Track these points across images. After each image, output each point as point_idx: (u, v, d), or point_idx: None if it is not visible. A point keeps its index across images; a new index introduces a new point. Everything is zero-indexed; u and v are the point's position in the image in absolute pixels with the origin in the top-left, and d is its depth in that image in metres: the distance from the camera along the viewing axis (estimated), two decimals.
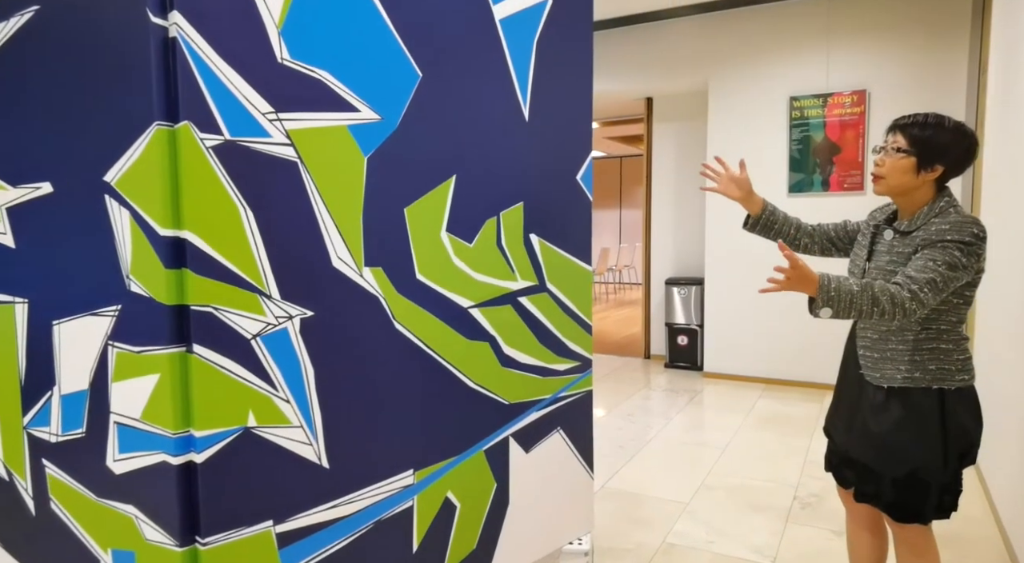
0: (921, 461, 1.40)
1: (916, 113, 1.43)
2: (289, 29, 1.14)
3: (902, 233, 1.44)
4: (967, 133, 1.40)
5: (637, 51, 5.02)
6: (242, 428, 1.11)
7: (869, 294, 1.31)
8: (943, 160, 1.39)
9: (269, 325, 1.14)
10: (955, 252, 1.33)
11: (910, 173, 1.41)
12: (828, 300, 1.32)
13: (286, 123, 1.14)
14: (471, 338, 1.50)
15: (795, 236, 1.71)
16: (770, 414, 3.87)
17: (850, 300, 1.32)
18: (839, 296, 1.32)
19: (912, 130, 1.41)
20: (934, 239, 1.35)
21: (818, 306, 1.33)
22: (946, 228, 1.35)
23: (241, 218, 1.09)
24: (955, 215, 1.38)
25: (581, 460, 1.83)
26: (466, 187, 1.46)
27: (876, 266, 1.47)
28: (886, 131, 1.48)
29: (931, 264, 1.33)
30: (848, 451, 1.53)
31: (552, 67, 1.66)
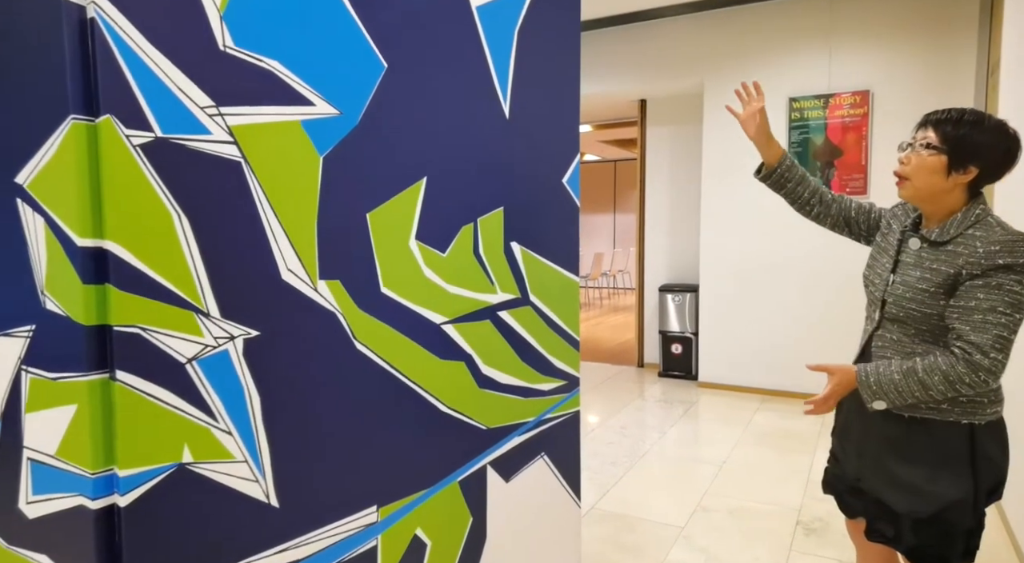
0: (948, 502, 1.25)
1: (952, 108, 1.27)
2: (233, 13, 1.01)
3: (932, 243, 1.28)
4: (1009, 133, 1.23)
5: (630, 51, 4.90)
6: (175, 465, 0.98)
7: (916, 379, 1.20)
8: (978, 161, 1.23)
9: (207, 347, 1.01)
10: (1015, 286, 1.16)
11: (939, 174, 1.24)
12: (874, 393, 1.23)
13: (228, 118, 1.01)
14: (444, 357, 1.36)
15: (807, 199, 1.54)
16: (769, 428, 3.74)
17: (896, 390, 1.21)
18: (883, 388, 1.23)
19: (946, 127, 1.24)
20: (984, 265, 1.18)
21: (869, 401, 1.24)
22: (996, 250, 1.18)
23: (174, 225, 0.96)
24: (999, 229, 1.21)
25: (567, 487, 1.70)
26: (439, 190, 1.33)
27: (903, 281, 1.31)
28: (916, 127, 1.31)
29: (991, 317, 1.16)
30: (859, 481, 1.40)
31: (535, 60, 1.53)
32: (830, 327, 4.25)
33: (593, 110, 6.15)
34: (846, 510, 1.47)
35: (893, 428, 1.32)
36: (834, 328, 4.22)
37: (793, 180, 1.56)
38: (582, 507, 2.63)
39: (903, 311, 1.29)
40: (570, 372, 1.68)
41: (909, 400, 1.24)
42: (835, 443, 1.51)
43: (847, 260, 4.15)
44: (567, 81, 1.63)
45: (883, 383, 1.24)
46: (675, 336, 5.14)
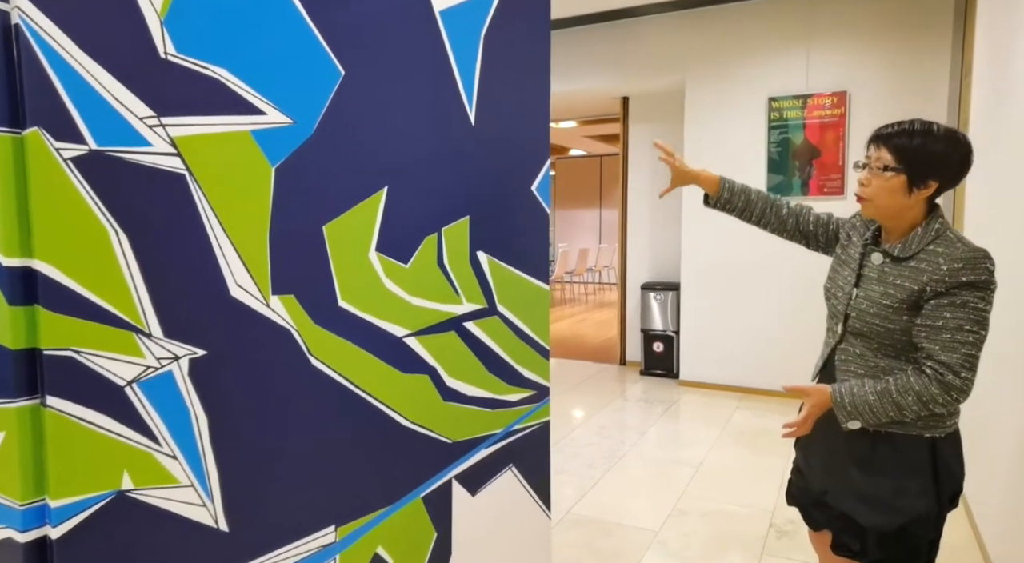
0: (914, 516, 1.25)
1: (900, 121, 1.26)
2: (175, 19, 0.96)
3: (895, 258, 1.28)
4: (960, 140, 1.23)
5: (613, 49, 4.87)
6: (114, 492, 0.93)
7: (890, 400, 1.21)
8: (937, 175, 1.23)
9: (149, 369, 0.96)
10: (978, 304, 1.18)
11: (901, 193, 1.24)
12: (848, 414, 1.24)
13: (171, 129, 0.96)
14: (407, 371, 1.33)
15: (759, 217, 1.55)
16: (746, 428, 3.74)
17: (871, 410, 1.23)
18: (857, 409, 1.23)
19: (897, 140, 1.24)
20: (948, 282, 1.18)
21: (844, 421, 1.25)
22: (959, 267, 1.18)
23: (111, 242, 0.91)
24: (960, 244, 1.21)
25: (536, 498, 1.67)
26: (400, 200, 1.29)
27: (867, 296, 1.31)
28: (867, 142, 1.31)
29: (959, 336, 1.17)
30: (824, 495, 1.38)
31: (503, 64, 1.49)
32: (809, 326, 4.25)
33: (577, 106, 6.11)
34: (811, 522, 1.46)
35: (859, 443, 1.31)
36: (813, 327, 4.22)
37: (739, 205, 1.57)
38: (558, 512, 2.61)
39: (867, 326, 1.29)
40: (539, 382, 1.65)
41: (883, 420, 1.24)
42: (799, 456, 1.50)
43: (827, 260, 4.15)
44: (536, 86, 1.59)
45: (858, 404, 1.24)
46: (657, 334, 5.13)
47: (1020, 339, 1.64)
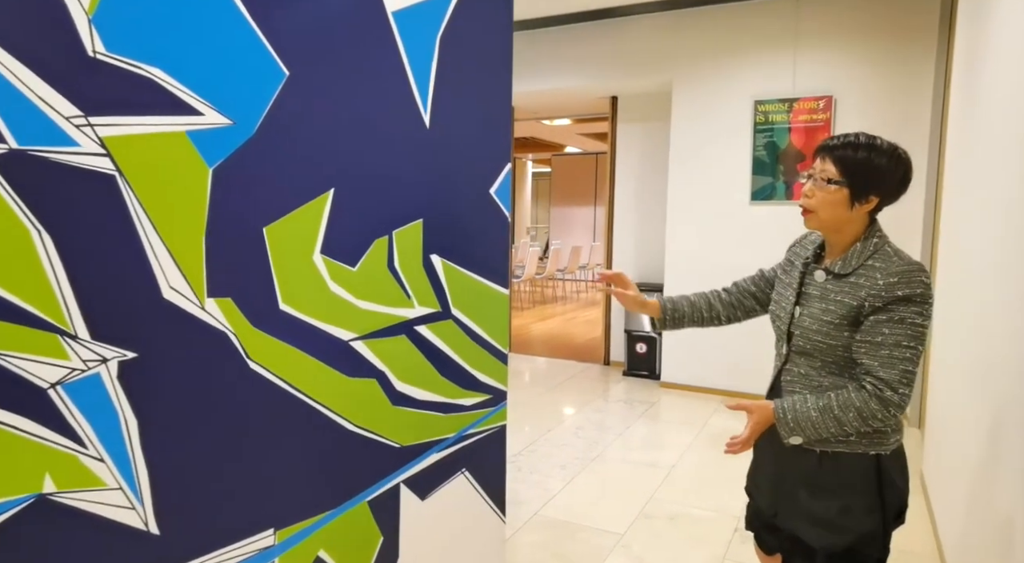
0: (862, 534, 1.25)
1: (846, 133, 1.26)
2: (104, 16, 0.94)
3: (836, 275, 1.28)
4: (902, 158, 1.24)
5: (601, 48, 4.85)
6: (34, 496, 0.92)
7: (831, 416, 1.22)
8: (878, 190, 1.23)
9: (75, 371, 0.95)
10: (916, 319, 1.19)
11: (843, 206, 1.24)
12: (791, 430, 1.25)
13: (99, 129, 0.95)
14: (353, 375, 1.32)
15: (710, 316, 1.55)
16: (722, 430, 3.74)
17: (813, 426, 1.23)
18: (799, 425, 1.24)
19: (842, 152, 1.24)
20: (885, 297, 1.19)
21: (786, 437, 1.26)
22: (894, 281, 1.19)
23: (33, 243, 0.90)
24: (897, 258, 1.23)
25: (491, 503, 1.67)
26: (347, 203, 1.28)
27: (808, 313, 1.30)
28: (813, 154, 1.30)
29: (897, 352, 1.18)
30: (774, 518, 1.38)
31: (460, 67, 1.47)
32: None
33: (568, 105, 6.09)
34: (763, 546, 1.46)
35: (805, 462, 1.31)
36: None
37: (686, 313, 1.54)
38: (525, 513, 2.61)
39: (809, 343, 1.29)
40: (495, 386, 1.65)
41: (824, 435, 1.24)
42: (749, 480, 1.50)
43: None
44: (497, 88, 1.58)
45: (800, 420, 1.24)
46: (640, 335, 5.13)
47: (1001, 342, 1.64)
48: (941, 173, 3.44)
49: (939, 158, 3.76)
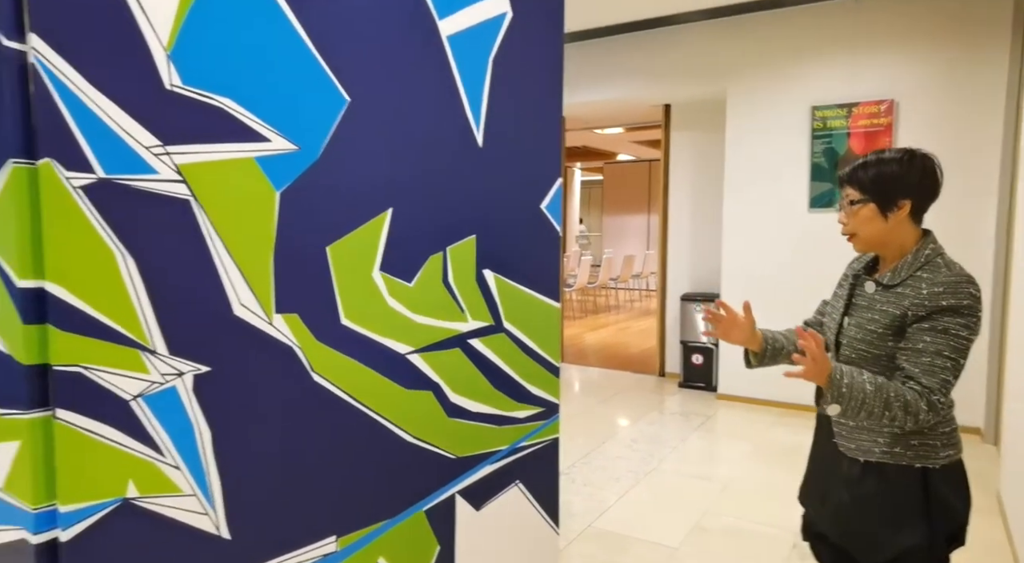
0: (903, 549, 1.22)
1: (856, 159, 1.34)
2: (181, 52, 1.01)
3: (885, 286, 1.30)
4: (915, 154, 1.28)
5: (653, 57, 4.83)
6: (120, 500, 0.99)
7: (883, 397, 1.20)
8: (903, 193, 1.27)
9: (154, 384, 1.02)
10: (960, 330, 1.19)
11: (877, 220, 1.29)
12: (839, 396, 1.21)
13: (176, 157, 1.02)
14: (410, 387, 1.36)
15: (795, 350, 1.53)
16: (782, 445, 3.65)
17: (862, 399, 1.20)
18: (851, 393, 1.21)
19: (855, 175, 1.32)
20: (928, 306, 1.20)
21: (826, 401, 1.22)
22: (939, 291, 1.20)
23: (118, 265, 0.97)
24: (945, 269, 1.23)
25: (544, 515, 1.68)
26: (405, 221, 1.32)
27: (855, 323, 1.33)
28: (837, 186, 1.39)
29: (939, 361, 1.19)
30: (822, 528, 1.38)
31: (512, 86, 1.51)
32: None
33: (621, 114, 6.08)
34: (818, 558, 1.44)
35: (849, 472, 1.31)
36: None
37: (782, 344, 1.53)
38: (578, 525, 2.60)
39: (855, 352, 1.31)
40: (548, 399, 1.66)
41: (862, 414, 1.21)
42: (801, 491, 1.49)
43: None
44: (547, 106, 1.60)
45: (854, 388, 1.21)
46: (696, 346, 5.05)
47: None
48: (1015, 182, 3.28)
49: (1013, 166, 3.58)
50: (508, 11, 1.49)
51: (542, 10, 1.57)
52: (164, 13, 0.99)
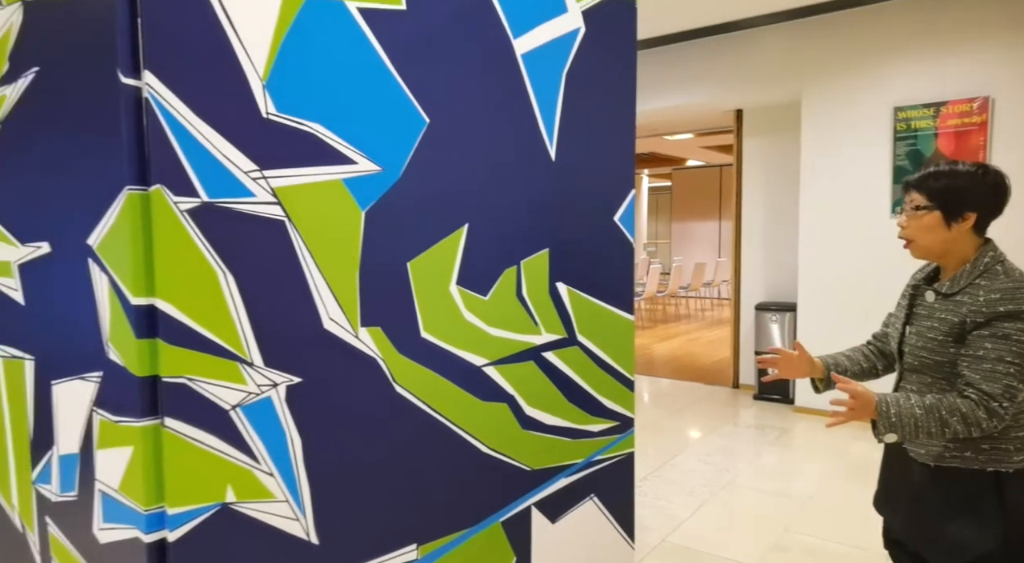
0: (978, 554, 1.23)
1: (927, 167, 1.35)
2: (275, 81, 1.07)
3: (944, 295, 1.32)
4: (988, 170, 1.29)
5: (725, 62, 4.74)
6: (219, 504, 1.05)
7: (936, 417, 1.23)
8: (969, 206, 1.28)
9: (251, 394, 1.08)
10: (1021, 336, 1.20)
11: (939, 228, 1.31)
12: (890, 426, 1.26)
13: (272, 180, 1.08)
14: (486, 399, 1.38)
15: (870, 366, 1.58)
16: (865, 461, 3.48)
17: (914, 424, 1.24)
18: (901, 421, 1.25)
19: (924, 183, 1.33)
20: (986, 313, 1.21)
21: (881, 432, 1.26)
22: (996, 298, 1.21)
23: (219, 283, 1.04)
24: (1004, 276, 1.23)
25: (619, 529, 1.67)
26: (480, 236, 1.35)
27: (916, 331, 1.36)
28: (902, 190, 1.41)
29: (1000, 367, 1.19)
30: (898, 534, 1.41)
31: (585, 101, 1.52)
32: None
33: (690, 120, 5.99)
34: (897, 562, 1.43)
35: (921, 478, 1.33)
36: None
37: (848, 373, 1.57)
38: (652, 540, 2.56)
39: (917, 360, 1.35)
40: (622, 413, 1.65)
41: (922, 436, 1.25)
42: (875, 497, 1.53)
43: None
44: (620, 118, 1.61)
45: (903, 416, 1.25)
46: None
47: None
48: None
49: None
50: (581, 27, 1.51)
51: (615, 24, 1.58)
52: (260, 46, 1.05)
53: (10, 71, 1.18)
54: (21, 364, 1.27)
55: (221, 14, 1.01)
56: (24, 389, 1.26)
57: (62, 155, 1.11)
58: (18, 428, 1.29)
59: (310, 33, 1.10)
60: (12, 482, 1.31)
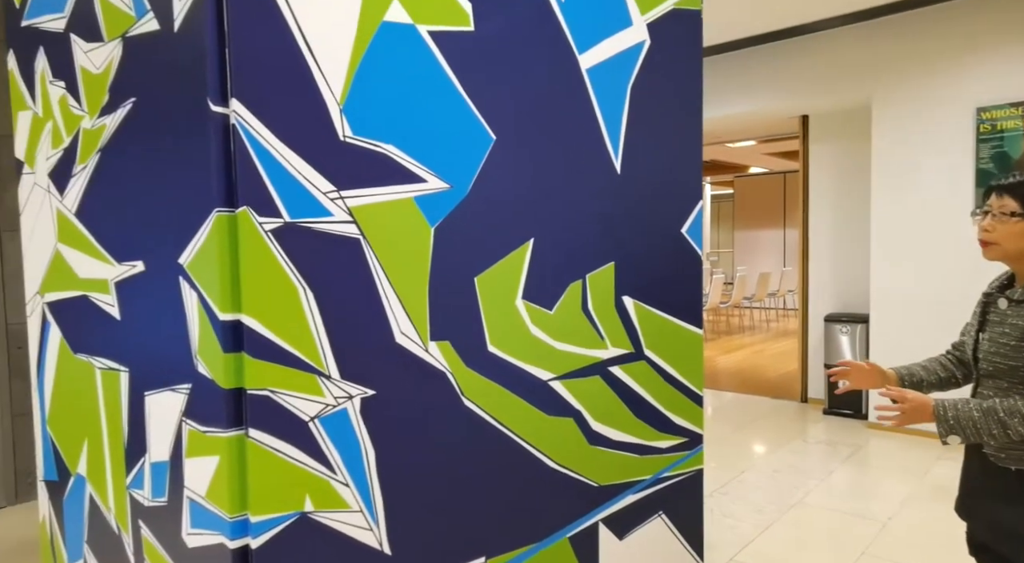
0: None
1: (1014, 172, 1.36)
2: (352, 106, 1.12)
3: (1017, 301, 1.34)
4: None
5: (790, 67, 4.62)
6: (299, 513, 1.09)
7: (995, 418, 1.26)
8: None
9: (328, 406, 1.12)
10: None
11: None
12: (950, 428, 1.29)
13: (348, 200, 1.12)
14: (552, 414, 1.38)
15: (947, 376, 1.57)
16: (948, 482, 3.30)
17: (973, 426, 1.27)
18: (960, 423, 1.28)
19: (1020, 189, 1.33)
20: None
21: (943, 435, 1.29)
22: None
23: (300, 299, 1.08)
24: None
25: (688, 548, 1.64)
26: (545, 250, 1.36)
27: (989, 337, 1.38)
28: (985, 192, 1.41)
29: None
30: (983, 538, 1.41)
31: (650, 113, 1.51)
32: None
33: (753, 127, 5.86)
34: None
35: (1001, 480, 1.34)
36: None
37: (920, 376, 1.58)
38: (719, 558, 2.50)
39: (991, 365, 1.38)
40: (691, 429, 1.63)
41: (984, 438, 1.28)
42: (957, 502, 1.51)
43: None
44: (687, 129, 1.59)
45: (961, 419, 1.28)
46: None
47: None
48: None
49: None
50: (646, 39, 1.51)
51: (680, 35, 1.57)
52: (338, 72, 1.10)
53: (109, 102, 1.26)
54: (117, 375, 1.35)
55: (302, 43, 1.06)
56: (119, 399, 1.35)
57: (155, 179, 1.18)
58: (114, 435, 1.37)
59: (384, 58, 1.14)
60: (109, 486, 1.39)
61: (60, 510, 1.60)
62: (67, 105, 1.40)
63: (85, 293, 1.41)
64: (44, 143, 1.51)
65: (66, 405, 1.53)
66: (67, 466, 1.54)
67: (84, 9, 1.31)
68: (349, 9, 1.11)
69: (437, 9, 1.20)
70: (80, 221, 1.40)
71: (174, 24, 1.07)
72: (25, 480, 3.38)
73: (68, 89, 1.39)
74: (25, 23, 1.53)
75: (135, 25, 1.17)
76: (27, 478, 3.39)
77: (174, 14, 1.07)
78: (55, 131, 1.46)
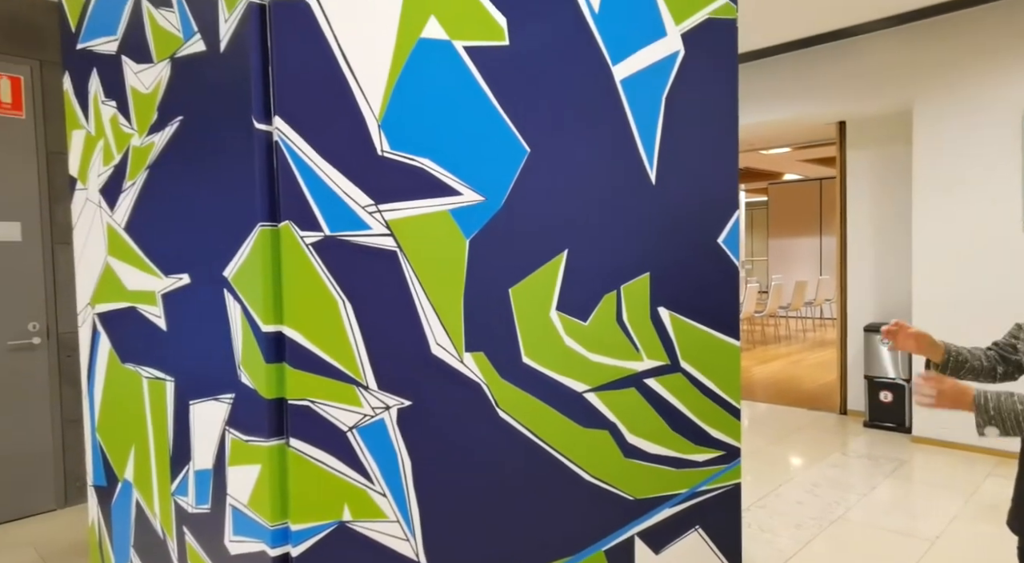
0: None
1: None
2: (389, 121, 1.14)
3: None
4: None
5: (827, 72, 4.55)
6: (337, 522, 1.11)
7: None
8: None
9: (366, 417, 1.13)
10: None
11: None
12: (990, 419, 1.26)
13: (386, 214, 1.14)
14: (587, 426, 1.38)
15: (989, 366, 1.55)
16: (999, 500, 3.18)
17: (1015, 419, 1.25)
18: (1001, 415, 1.26)
19: None
20: None
21: (981, 426, 1.27)
22: None
23: (339, 311, 1.10)
24: None
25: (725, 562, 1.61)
26: (580, 261, 1.36)
27: None
28: None
29: None
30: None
31: (685, 123, 1.51)
32: None
33: (789, 133, 5.79)
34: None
35: None
36: None
37: (966, 360, 1.56)
38: None
39: None
40: (728, 442, 1.60)
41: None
42: (1010, 515, 1.49)
43: None
44: (722, 138, 1.58)
45: (1003, 410, 1.26)
46: (884, 382, 4.58)
47: None
48: None
49: None
50: (680, 49, 1.50)
51: (715, 44, 1.57)
52: (376, 88, 1.12)
53: (158, 120, 1.31)
54: (163, 385, 1.39)
55: (342, 61, 1.09)
56: (165, 408, 1.38)
57: (201, 195, 1.22)
58: (160, 443, 1.41)
59: (420, 74, 1.17)
60: (154, 492, 1.42)
61: (108, 514, 1.64)
62: (118, 124, 1.46)
63: (133, 305, 1.46)
64: (96, 160, 1.57)
65: (114, 413, 1.58)
66: (115, 472, 1.59)
67: (135, 32, 1.37)
68: (387, 27, 1.13)
69: (473, 25, 1.22)
70: (129, 235, 1.45)
71: (220, 45, 1.11)
72: (75, 484, 3.49)
73: (119, 108, 1.44)
74: (80, 46, 1.60)
75: (183, 46, 1.21)
76: (76, 482, 3.50)
77: (220, 35, 1.10)
78: (106, 149, 1.51)
